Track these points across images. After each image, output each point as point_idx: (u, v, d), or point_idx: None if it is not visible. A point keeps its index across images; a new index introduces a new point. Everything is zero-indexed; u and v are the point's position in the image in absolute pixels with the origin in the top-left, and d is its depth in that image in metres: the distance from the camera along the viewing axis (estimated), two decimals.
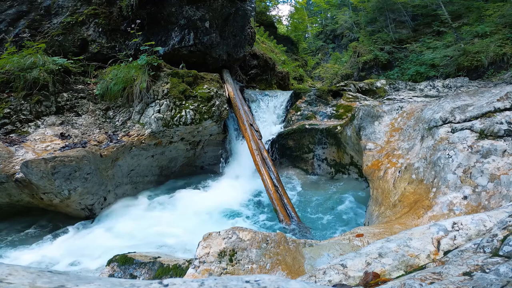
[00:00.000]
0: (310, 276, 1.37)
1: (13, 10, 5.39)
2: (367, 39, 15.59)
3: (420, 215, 2.50)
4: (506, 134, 2.60)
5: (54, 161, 3.56)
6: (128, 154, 4.65)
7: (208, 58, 6.35)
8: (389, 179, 3.28)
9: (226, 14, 6.33)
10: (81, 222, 4.06)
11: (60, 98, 4.66)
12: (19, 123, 4.22)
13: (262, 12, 17.31)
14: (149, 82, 4.93)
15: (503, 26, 10.62)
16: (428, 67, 11.60)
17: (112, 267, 2.68)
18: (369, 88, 8.19)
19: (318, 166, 5.78)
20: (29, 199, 3.79)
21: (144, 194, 5.03)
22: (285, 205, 4.19)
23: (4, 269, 0.45)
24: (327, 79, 16.02)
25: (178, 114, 4.91)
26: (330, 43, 26.47)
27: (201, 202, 4.57)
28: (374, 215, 3.19)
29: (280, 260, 1.89)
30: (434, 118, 3.23)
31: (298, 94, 7.00)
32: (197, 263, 1.85)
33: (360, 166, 4.71)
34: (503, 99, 2.94)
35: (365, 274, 1.27)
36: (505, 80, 8.37)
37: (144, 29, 5.47)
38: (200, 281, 0.49)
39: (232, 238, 1.98)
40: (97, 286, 0.46)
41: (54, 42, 5.35)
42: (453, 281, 0.96)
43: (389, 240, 1.52)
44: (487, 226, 1.45)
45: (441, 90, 8.24)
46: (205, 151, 5.89)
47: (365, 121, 4.28)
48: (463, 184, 2.51)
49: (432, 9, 14.24)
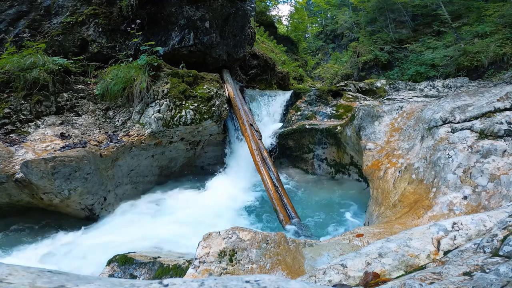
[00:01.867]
0: (310, 276, 1.37)
1: (13, 10, 5.39)
2: (367, 39, 15.58)
3: (420, 215, 2.50)
4: (506, 134, 2.60)
5: (54, 161, 3.56)
6: (128, 154, 4.65)
7: (208, 58, 6.34)
8: (389, 179, 3.28)
9: (226, 14, 6.33)
10: (81, 222, 4.06)
11: (60, 98, 4.66)
12: (19, 123, 4.22)
13: (262, 12, 17.29)
14: (149, 82, 4.93)
15: (503, 26, 10.62)
16: (428, 67, 11.59)
17: (112, 267, 2.68)
18: (369, 88, 8.19)
19: (318, 166, 5.78)
20: (29, 199, 3.79)
21: (144, 194, 5.03)
22: (285, 205, 4.19)
23: (4, 269, 0.45)
24: (327, 79, 16.01)
25: (178, 114, 4.91)
26: (330, 43, 26.46)
27: (201, 202, 4.58)
28: (374, 215, 3.19)
29: (280, 260, 1.89)
30: (434, 118, 3.23)
31: (298, 94, 7.00)
32: (197, 263, 1.85)
33: (360, 166, 4.71)
34: (503, 99, 2.94)
35: (365, 274, 1.27)
36: (505, 80, 8.36)
37: (144, 29, 5.47)
38: (200, 281, 0.49)
39: (232, 238, 1.98)
40: (97, 286, 0.46)
41: (54, 42, 5.35)
42: (453, 281, 0.96)
43: (389, 240, 1.52)
44: (487, 226, 1.45)
45: (441, 90, 8.24)
46: (205, 151, 5.89)
47: (365, 121, 4.28)
48: (463, 184, 2.51)
49: (432, 9, 14.23)
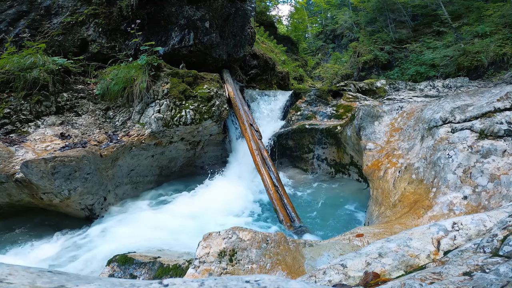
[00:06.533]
0: (310, 276, 1.37)
1: (13, 10, 5.39)
2: (367, 39, 15.58)
3: (420, 215, 2.50)
4: (506, 134, 2.60)
5: (54, 161, 3.56)
6: (128, 154, 4.65)
7: (208, 58, 6.34)
8: (389, 179, 3.28)
9: (226, 14, 6.33)
10: (81, 222, 4.06)
11: (60, 98, 4.66)
12: (19, 123, 4.22)
13: (262, 12, 17.28)
14: (149, 82, 4.93)
15: (503, 26, 10.61)
16: (428, 67, 11.59)
17: (112, 267, 2.68)
18: (369, 88, 8.19)
19: (318, 166, 5.78)
20: (29, 199, 3.79)
21: (144, 194, 5.03)
22: (285, 205, 4.19)
23: (4, 269, 0.45)
24: (327, 79, 16.01)
25: (178, 114, 4.91)
26: (330, 43, 26.46)
27: (201, 202, 4.57)
28: (374, 215, 3.19)
29: (280, 260, 1.89)
30: (434, 118, 3.23)
31: (298, 94, 7.00)
32: (197, 263, 1.85)
33: (360, 166, 4.70)
34: (503, 99, 2.94)
35: (365, 274, 1.27)
36: (505, 80, 8.36)
37: (144, 29, 5.47)
38: (200, 281, 0.49)
39: (232, 238, 1.97)
40: (97, 286, 0.46)
41: (54, 42, 5.35)
42: (453, 281, 0.96)
43: (389, 240, 1.52)
44: (487, 226, 1.45)
45: (441, 90, 8.24)
46: (205, 151, 5.89)
47: (365, 121, 4.28)
48: (463, 184, 2.51)
49: (432, 9, 14.23)
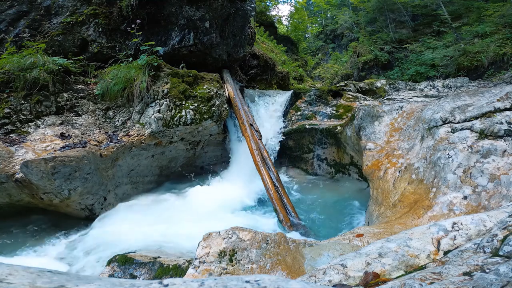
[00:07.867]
0: (310, 276, 1.37)
1: (13, 10, 5.38)
2: (367, 39, 15.57)
3: (420, 215, 2.50)
4: (506, 134, 2.60)
5: (54, 161, 3.56)
6: (128, 154, 4.65)
7: (208, 58, 6.34)
8: (389, 179, 3.28)
9: (226, 14, 6.33)
10: (81, 222, 4.06)
11: (60, 98, 4.66)
12: (19, 123, 4.22)
13: (262, 12, 17.27)
14: (149, 82, 4.93)
15: (503, 26, 10.61)
16: (428, 67, 11.59)
17: (112, 267, 2.68)
18: (369, 88, 8.19)
19: (318, 166, 5.78)
20: (29, 199, 3.79)
21: (144, 194, 5.03)
22: (285, 205, 4.19)
23: (4, 269, 0.45)
24: (327, 79, 16.00)
25: (178, 114, 4.91)
26: (330, 43, 26.45)
27: (201, 202, 4.57)
28: (374, 215, 3.19)
29: (280, 260, 1.89)
30: (434, 118, 3.23)
31: (298, 94, 7.00)
32: (197, 263, 1.85)
33: (360, 166, 4.71)
34: (503, 99, 2.94)
35: (365, 274, 1.27)
36: (505, 80, 8.36)
37: (144, 29, 5.46)
38: (200, 281, 0.49)
39: (232, 238, 1.97)
40: (97, 286, 0.46)
41: (54, 42, 5.35)
42: (453, 281, 0.96)
43: (389, 240, 1.52)
44: (487, 226, 1.45)
45: (441, 90, 8.24)
46: (205, 151, 5.89)
47: (365, 121, 4.28)
48: (463, 184, 2.51)
49: (432, 9, 14.23)
